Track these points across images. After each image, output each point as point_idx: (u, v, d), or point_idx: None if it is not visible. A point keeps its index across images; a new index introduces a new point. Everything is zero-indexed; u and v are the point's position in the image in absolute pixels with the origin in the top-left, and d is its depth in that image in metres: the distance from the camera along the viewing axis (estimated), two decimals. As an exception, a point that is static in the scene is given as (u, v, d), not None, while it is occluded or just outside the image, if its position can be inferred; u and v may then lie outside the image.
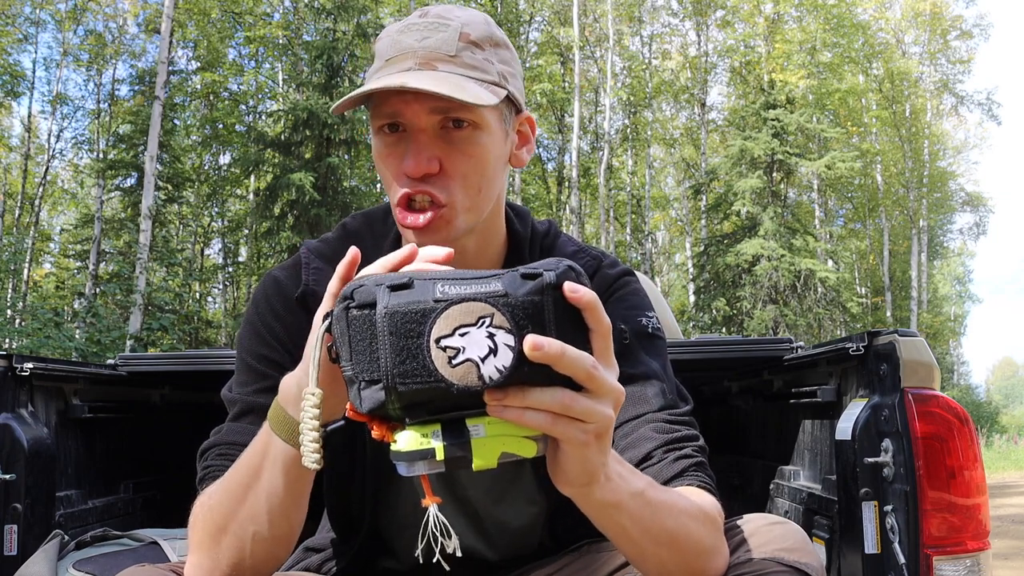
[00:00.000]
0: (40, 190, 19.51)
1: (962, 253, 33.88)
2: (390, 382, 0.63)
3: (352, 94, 0.95)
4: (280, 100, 19.20)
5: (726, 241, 19.09)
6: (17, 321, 13.14)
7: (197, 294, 18.84)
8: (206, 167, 21.07)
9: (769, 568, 0.86)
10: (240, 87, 20.67)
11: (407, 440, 0.66)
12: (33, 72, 19.16)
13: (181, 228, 20.12)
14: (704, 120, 22.27)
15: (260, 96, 20.91)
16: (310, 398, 0.71)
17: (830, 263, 19.15)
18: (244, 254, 21.39)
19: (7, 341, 11.04)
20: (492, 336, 0.63)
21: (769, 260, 17.21)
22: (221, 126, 20.01)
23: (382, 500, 1.09)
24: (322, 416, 0.72)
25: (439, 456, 0.65)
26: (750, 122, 19.10)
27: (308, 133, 13.99)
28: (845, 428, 1.50)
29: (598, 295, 0.68)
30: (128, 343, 10.91)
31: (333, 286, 0.76)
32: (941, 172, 25.83)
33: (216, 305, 22.14)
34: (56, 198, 22.61)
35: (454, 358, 0.62)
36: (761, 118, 18.41)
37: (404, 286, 0.64)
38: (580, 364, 0.64)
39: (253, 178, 17.97)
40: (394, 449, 0.67)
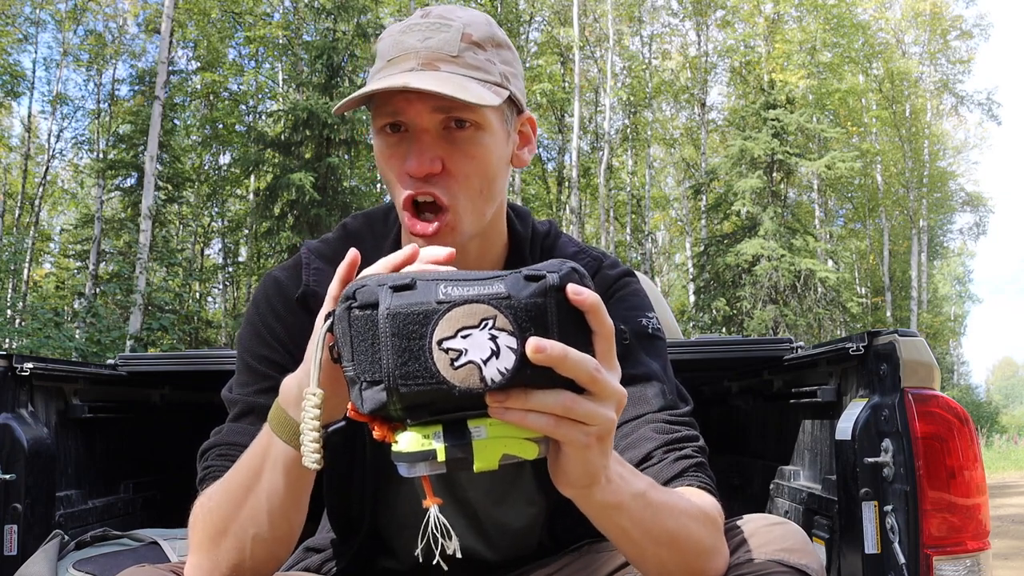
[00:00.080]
0: (40, 190, 19.51)
1: (962, 253, 33.90)
2: (392, 383, 0.63)
3: (354, 95, 0.94)
4: (280, 100, 19.20)
5: (726, 241, 19.09)
6: (17, 321, 13.14)
7: (197, 294, 18.84)
8: (206, 167, 21.07)
9: (769, 569, 0.86)
10: (240, 87, 20.68)
11: (408, 441, 0.65)
12: (33, 72, 19.19)
13: (181, 228, 20.12)
14: (704, 120, 22.27)
15: (260, 96, 20.93)
16: (311, 398, 0.71)
17: (830, 263, 19.14)
18: (244, 254, 21.39)
19: (7, 341, 11.04)
20: (495, 338, 0.62)
21: (769, 260, 17.21)
22: (221, 126, 20.01)
23: (382, 500, 1.09)
24: (323, 417, 0.72)
25: (440, 457, 0.65)
26: (750, 122, 19.10)
27: (308, 133, 13.99)
28: (845, 428, 1.50)
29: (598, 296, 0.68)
30: (128, 343, 10.91)
31: (334, 288, 0.76)
32: (941, 172, 25.83)
33: (216, 305, 22.15)
34: (56, 198, 22.61)
35: (456, 360, 0.62)
36: (761, 118, 18.41)
37: (407, 287, 0.64)
38: (583, 367, 0.64)
39: (253, 178, 17.97)
40: (395, 450, 0.66)
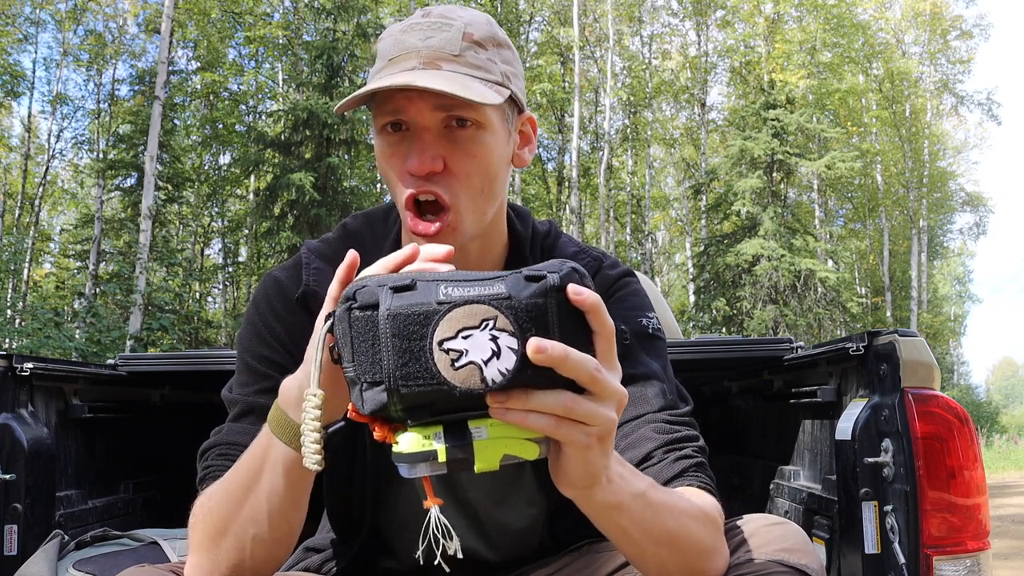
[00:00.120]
0: (40, 190, 19.51)
1: (962, 253, 33.90)
2: (392, 384, 0.63)
3: (356, 93, 0.94)
4: (280, 100, 19.20)
5: (726, 241, 19.09)
6: (17, 321, 13.14)
7: (197, 294, 18.84)
8: (206, 167, 21.07)
9: (769, 569, 0.86)
10: (240, 87, 20.68)
11: (409, 442, 0.65)
12: (33, 72, 19.19)
13: (181, 228, 20.12)
14: (704, 120, 22.27)
15: (260, 96, 20.93)
16: (312, 399, 0.71)
17: (830, 263, 19.14)
18: (244, 254, 21.39)
19: (7, 341, 11.04)
20: (495, 339, 0.62)
21: (769, 260, 17.21)
22: (221, 126, 20.01)
23: (382, 501, 1.09)
24: (324, 417, 0.72)
25: (441, 458, 0.65)
26: (750, 122, 19.10)
27: (308, 133, 13.99)
28: (845, 428, 1.50)
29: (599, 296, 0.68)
30: (128, 343, 10.91)
31: (333, 289, 0.76)
32: (941, 172, 25.83)
33: (216, 305, 22.15)
34: (56, 198, 22.61)
35: (457, 361, 0.62)
36: (761, 118, 18.41)
37: (407, 288, 0.64)
38: (583, 367, 0.64)
39: (253, 178, 17.97)
40: (396, 451, 0.66)
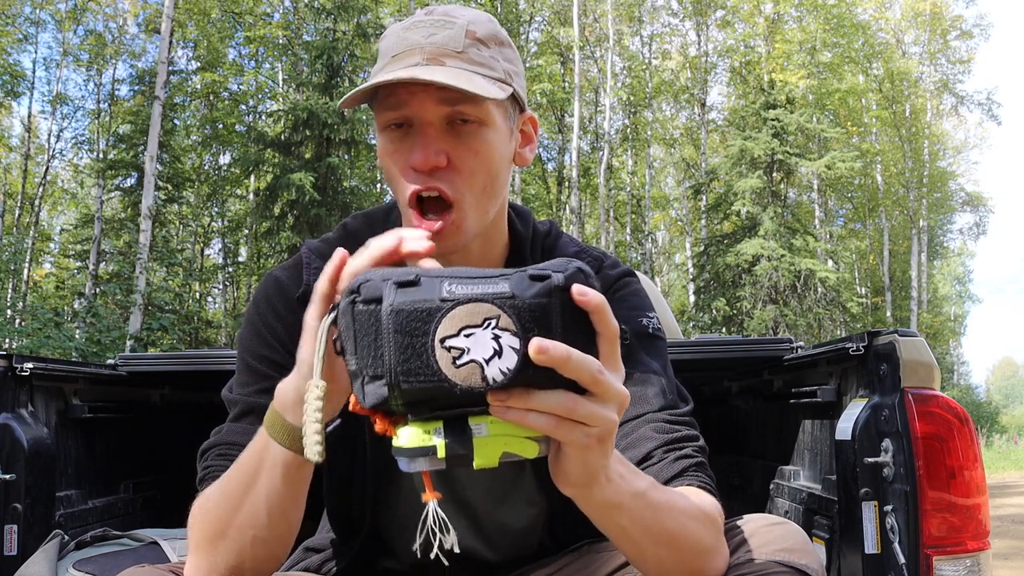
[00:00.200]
0: (40, 190, 19.50)
1: (962, 253, 33.91)
2: (393, 379, 0.63)
3: (360, 87, 0.94)
4: (280, 100, 19.20)
5: (726, 241, 19.08)
6: (17, 321, 13.13)
7: (197, 294, 18.84)
8: (206, 167, 21.07)
9: (770, 569, 0.86)
10: (240, 87, 20.68)
11: (409, 436, 0.65)
12: (33, 72, 19.18)
13: (181, 228, 20.12)
14: (704, 120, 22.27)
15: (260, 96, 20.92)
16: (314, 390, 0.71)
17: (830, 263, 19.14)
18: (244, 254, 21.39)
19: (7, 341, 11.03)
20: (497, 338, 0.62)
21: (769, 260, 17.20)
22: (221, 126, 20.00)
23: (382, 500, 1.09)
24: (326, 408, 0.72)
25: (440, 454, 0.65)
26: (750, 122, 19.09)
27: (308, 133, 13.99)
28: (845, 428, 1.50)
29: None
30: (128, 343, 10.91)
31: (322, 287, 0.76)
32: (941, 172, 25.83)
33: (216, 305, 22.15)
34: (56, 198, 22.61)
35: (458, 359, 0.62)
36: (761, 118, 18.40)
37: (411, 283, 0.64)
38: (585, 368, 0.64)
39: (253, 178, 17.97)
40: (395, 444, 0.66)
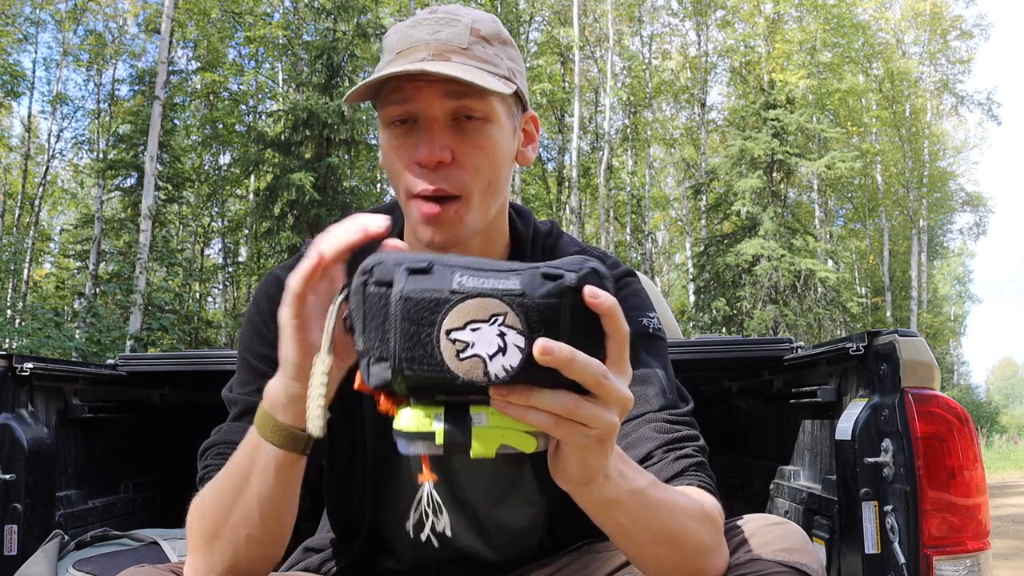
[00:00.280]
0: (40, 190, 19.50)
1: (962, 253, 33.90)
2: (397, 364, 0.63)
3: (366, 81, 0.94)
4: (280, 100, 19.19)
5: (726, 241, 19.08)
6: (17, 321, 13.13)
7: (197, 294, 18.83)
8: (206, 167, 21.07)
9: (770, 569, 0.86)
10: (240, 87, 20.67)
11: (409, 418, 0.66)
12: (33, 72, 19.18)
13: (181, 228, 20.11)
14: (704, 120, 22.26)
15: (260, 96, 20.92)
16: (320, 364, 0.72)
17: (830, 263, 19.14)
18: (244, 254, 21.39)
19: (7, 341, 11.03)
20: (503, 335, 0.62)
21: (769, 260, 17.20)
22: (221, 126, 20.00)
23: (382, 495, 1.09)
24: (331, 384, 0.72)
25: (439, 440, 0.65)
26: (750, 122, 19.09)
27: (308, 133, 13.99)
28: (845, 428, 1.50)
29: None
30: (128, 343, 10.91)
31: (295, 286, 0.76)
32: (941, 172, 25.83)
33: (216, 305, 22.15)
34: (56, 198, 22.60)
35: (462, 352, 0.62)
36: (761, 118, 18.40)
37: (423, 271, 0.64)
38: (589, 371, 0.64)
39: (253, 178, 17.97)
40: (395, 426, 0.67)
